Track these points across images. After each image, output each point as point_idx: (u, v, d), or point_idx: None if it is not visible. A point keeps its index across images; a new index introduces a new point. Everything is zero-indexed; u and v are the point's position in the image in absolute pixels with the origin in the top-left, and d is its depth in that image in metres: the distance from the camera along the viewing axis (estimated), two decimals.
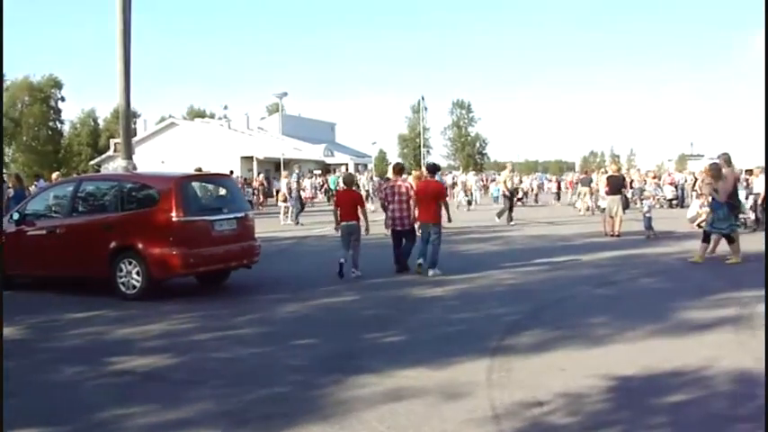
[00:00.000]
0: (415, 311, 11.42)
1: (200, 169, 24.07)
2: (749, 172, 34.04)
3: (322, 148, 79.08)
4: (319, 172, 67.37)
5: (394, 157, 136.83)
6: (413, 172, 21.51)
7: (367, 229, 15.65)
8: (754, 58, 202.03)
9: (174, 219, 12.41)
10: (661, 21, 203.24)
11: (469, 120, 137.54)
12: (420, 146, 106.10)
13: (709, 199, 18.19)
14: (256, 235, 14.51)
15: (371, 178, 48.78)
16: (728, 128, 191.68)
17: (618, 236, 22.66)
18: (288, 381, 7.55)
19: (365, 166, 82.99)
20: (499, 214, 30.70)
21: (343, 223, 15.37)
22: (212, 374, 7.87)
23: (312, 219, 31.69)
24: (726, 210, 16.61)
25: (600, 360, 8.19)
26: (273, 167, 59.68)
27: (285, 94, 41.23)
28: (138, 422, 6.36)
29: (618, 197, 23.29)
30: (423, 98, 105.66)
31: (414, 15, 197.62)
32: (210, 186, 14.68)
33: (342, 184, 20.11)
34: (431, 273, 15.05)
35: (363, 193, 31.69)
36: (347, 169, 67.35)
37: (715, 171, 17.16)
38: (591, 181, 39.83)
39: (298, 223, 30.38)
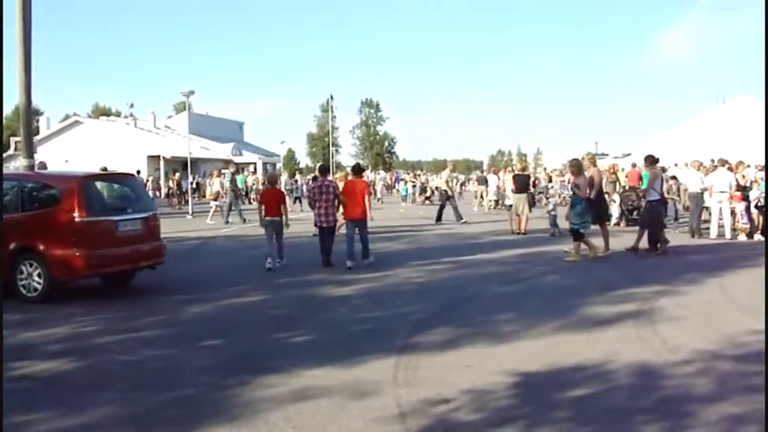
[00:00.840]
0: (323, 311, 11.42)
1: (105, 168, 23.67)
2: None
3: (230, 147, 78.32)
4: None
5: (303, 156, 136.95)
6: (338, 173, 21.82)
7: (287, 224, 16.75)
8: (657, 62, 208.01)
9: (76, 219, 12.12)
10: (569, 22, 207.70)
11: (378, 119, 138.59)
12: (329, 145, 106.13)
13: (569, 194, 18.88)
14: (166, 235, 14.32)
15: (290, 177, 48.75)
16: (631, 128, 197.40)
17: (524, 234, 23.05)
18: (194, 382, 7.47)
19: (274, 165, 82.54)
20: (457, 217, 29.37)
21: (268, 218, 16.46)
22: (117, 378, 7.73)
23: (220, 219, 31.29)
24: (584, 206, 16.91)
25: (505, 357, 8.33)
26: (181, 167, 58.70)
27: (192, 92, 40.43)
28: (39, 429, 6.21)
29: (524, 195, 23.69)
30: (332, 97, 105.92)
31: (324, 15, 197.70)
32: (115, 186, 14.36)
33: (250, 182, 20.78)
34: (365, 262, 16.38)
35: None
36: (255, 169, 66.88)
37: (575, 167, 17.64)
38: (486, 180, 40.77)
39: (227, 222, 30.07)
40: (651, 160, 18.84)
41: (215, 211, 32.12)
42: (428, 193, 51.34)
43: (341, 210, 17.06)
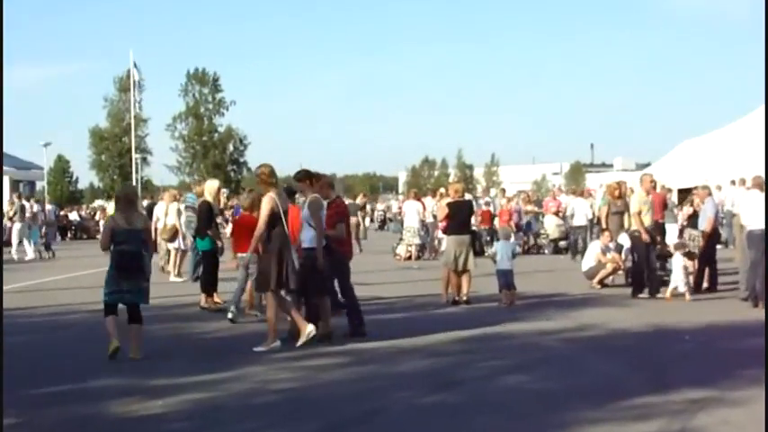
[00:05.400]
0: None
1: None
2: (684, 192, 36.07)
3: None
4: None
5: (83, 168, 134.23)
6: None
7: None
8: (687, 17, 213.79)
9: None
10: None
11: (217, 104, 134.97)
12: (131, 149, 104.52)
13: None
14: None
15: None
16: (653, 126, 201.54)
17: (466, 302, 23.18)
18: None
19: (31, 184, 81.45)
20: None
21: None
22: None
23: None
24: (111, 269, 16.59)
25: None
26: None
27: None
28: None
29: (464, 238, 23.68)
30: (135, 66, 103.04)
31: None
32: None
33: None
34: None
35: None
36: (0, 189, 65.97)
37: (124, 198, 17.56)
38: (361, 207, 41.32)
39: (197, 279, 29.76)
40: (323, 182, 19.09)
41: (175, 258, 33.14)
42: None
43: None
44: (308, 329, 17.07)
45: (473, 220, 28.20)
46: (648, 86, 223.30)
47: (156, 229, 34.00)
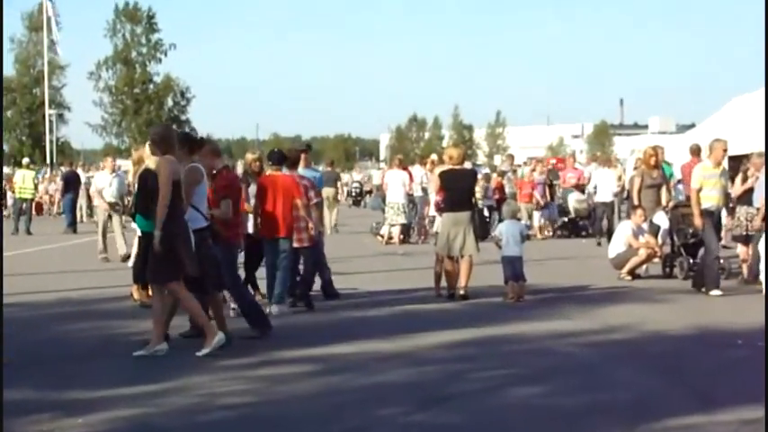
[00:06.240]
0: None
1: None
2: (736, 160, 35.55)
3: None
4: None
5: None
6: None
7: None
8: None
9: None
10: None
11: (152, 47, 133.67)
12: (44, 103, 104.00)
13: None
14: None
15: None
16: (695, 80, 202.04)
17: (464, 297, 23.07)
18: None
19: None
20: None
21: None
22: None
23: None
24: None
25: None
26: None
27: None
28: None
29: (461, 216, 23.45)
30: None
31: None
32: None
33: None
34: (275, 310, 20.77)
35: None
36: None
37: None
38: (337, 178, 41.13)
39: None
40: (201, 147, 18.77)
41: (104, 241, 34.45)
42: None
43: None
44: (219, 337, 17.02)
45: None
46: (692, 30, 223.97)
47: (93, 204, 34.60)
